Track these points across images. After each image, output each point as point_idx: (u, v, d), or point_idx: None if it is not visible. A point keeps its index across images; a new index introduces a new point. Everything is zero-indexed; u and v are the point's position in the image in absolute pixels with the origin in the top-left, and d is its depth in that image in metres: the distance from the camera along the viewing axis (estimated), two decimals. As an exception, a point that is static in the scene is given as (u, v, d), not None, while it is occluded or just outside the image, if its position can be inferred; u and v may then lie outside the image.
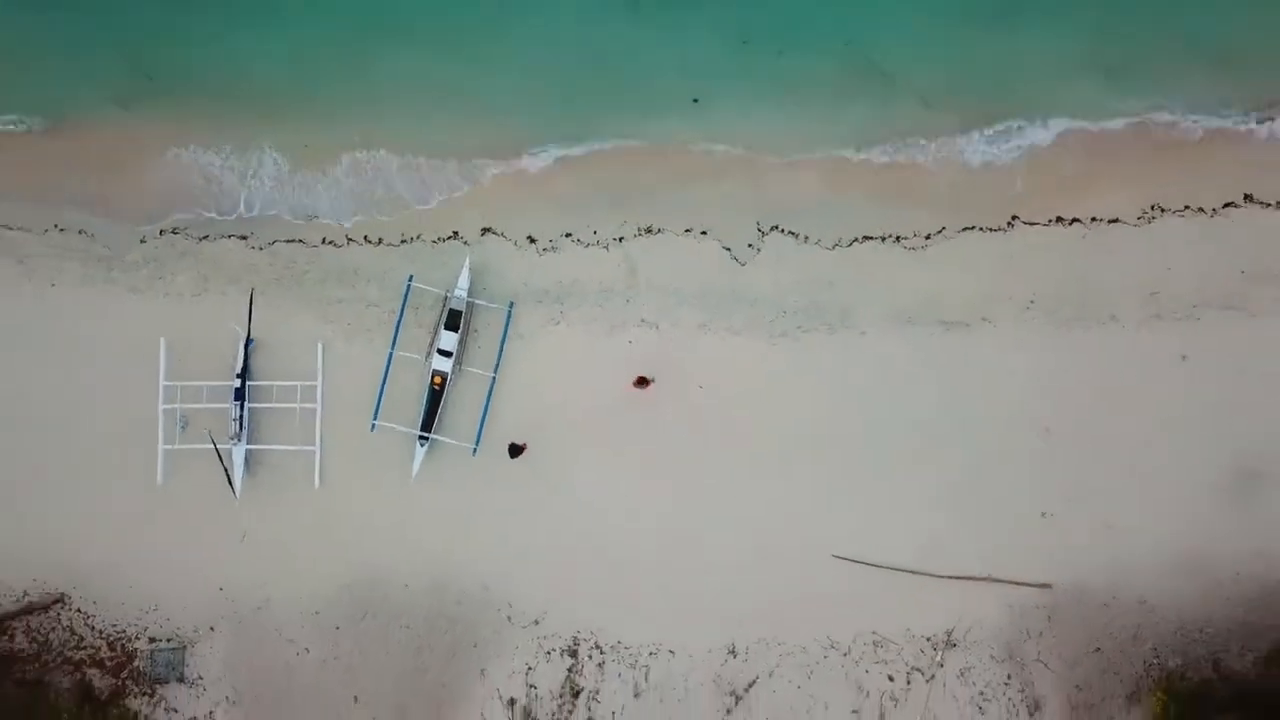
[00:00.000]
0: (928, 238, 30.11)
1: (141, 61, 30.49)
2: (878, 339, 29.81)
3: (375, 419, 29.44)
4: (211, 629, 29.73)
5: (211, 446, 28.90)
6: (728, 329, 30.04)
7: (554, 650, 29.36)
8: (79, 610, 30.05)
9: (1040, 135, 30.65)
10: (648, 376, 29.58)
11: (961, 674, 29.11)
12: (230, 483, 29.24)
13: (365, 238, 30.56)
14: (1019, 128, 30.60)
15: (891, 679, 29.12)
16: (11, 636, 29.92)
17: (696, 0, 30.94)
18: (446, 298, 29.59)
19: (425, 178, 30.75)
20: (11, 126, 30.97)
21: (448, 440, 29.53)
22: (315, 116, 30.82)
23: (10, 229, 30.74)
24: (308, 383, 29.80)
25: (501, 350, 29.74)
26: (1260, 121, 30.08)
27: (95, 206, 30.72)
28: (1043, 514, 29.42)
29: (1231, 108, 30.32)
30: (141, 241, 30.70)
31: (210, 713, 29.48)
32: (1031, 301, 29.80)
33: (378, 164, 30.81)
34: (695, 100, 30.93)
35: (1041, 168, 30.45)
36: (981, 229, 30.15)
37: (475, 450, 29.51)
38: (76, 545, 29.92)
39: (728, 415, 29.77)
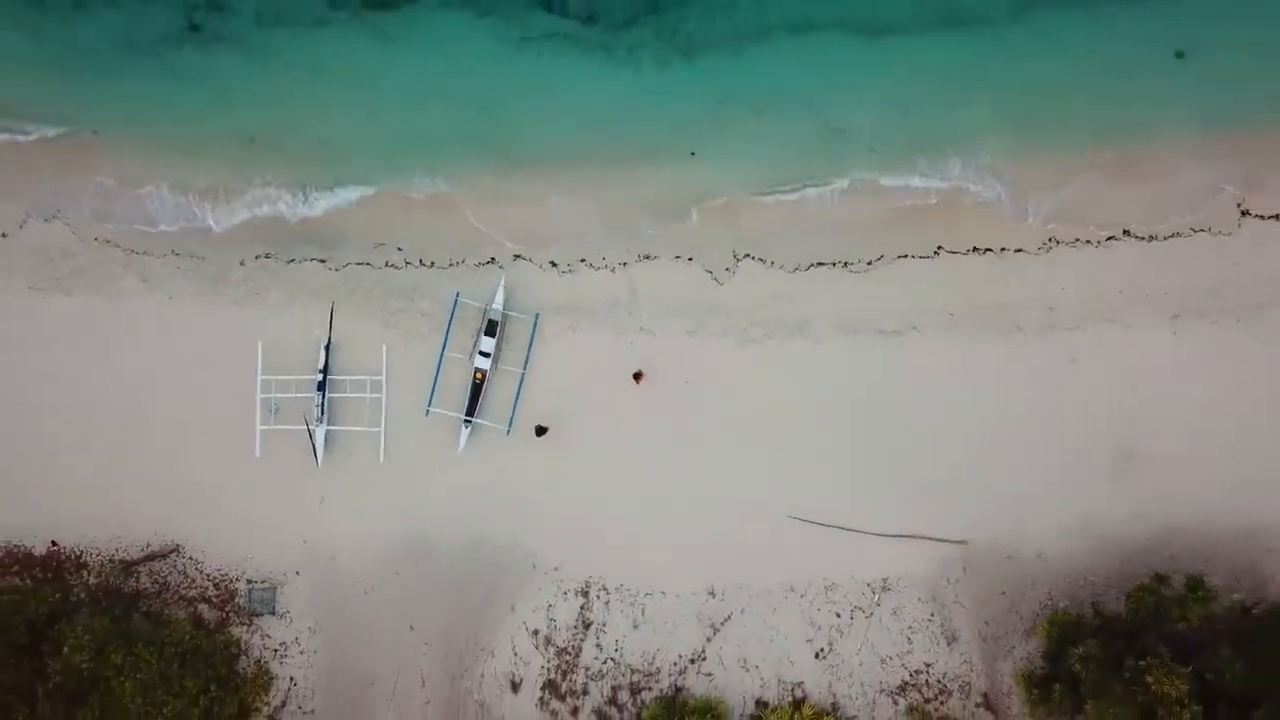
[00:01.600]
0: (869, 263, 37.47)
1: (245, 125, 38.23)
2: (828, 344, 37.13)
3: (429, 406, 36.97)
4: (296, 573, 37.20)
5: (304, 427, 36.48)
6: (709, 335, 37.44)
7: (569, 591, 36.73)
8: (190, 558, 37.59)
9: (961, 179, 37.83)
10: (642, 371, 36.99)
11: (894, 612, 36.32)
12: (315, 455, 36.80)
13: (420, 261, 38.08)
14: (942, 174, 37.81)
15: (838, 615, 36.35)
16: (137, 579, 37.51)
17: (687, 69, 38.43)
18: (486, 310, 37.10)
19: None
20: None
21: (486, 423, 37.02)
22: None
23: (136, 252, 38.39)
24: (375, 377, 37.33)
25: (529, 352, 37.20)
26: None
27: (206, 236, 38.38)
28: (959, 486, 36.56)
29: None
30: (241, 264, 38.33)
31: (296, 639, 36.96)
32: (951, 314, 37.09)
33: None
34: (692, 153, 38.31)
35: (961, 206, 37.75)
36: (913, 256, 37.49)
37: (509, 431, 37.00)
38: (189, 506, 37.45)
39: (708, 404, 37.14)
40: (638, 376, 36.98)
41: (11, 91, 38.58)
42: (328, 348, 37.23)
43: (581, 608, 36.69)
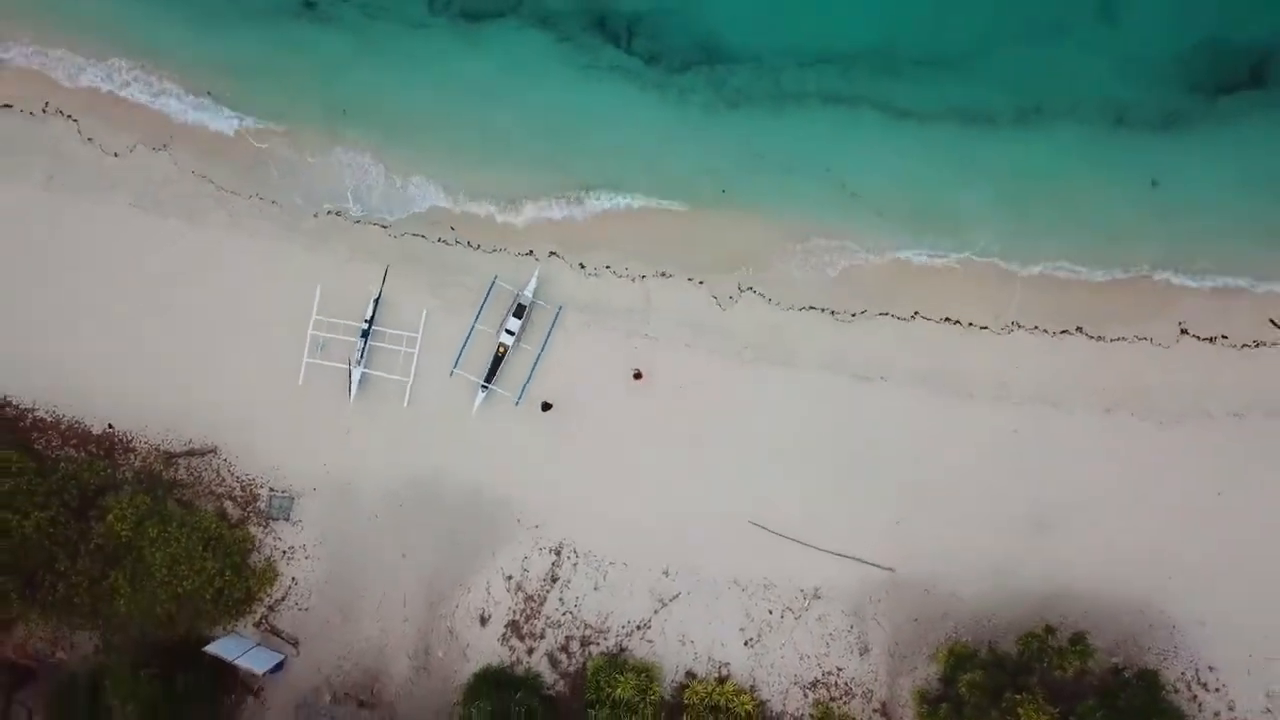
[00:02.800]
0: (854, 315, 42.76)
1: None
2: (807, 377, 42.30)
3: (455, 367, 42.47)
4: (314, 490, 42.78)
5: (344, 366, 42.08)
6: (706, 350, 42.74)
7: (545, 548, 42.17)
8: (225, 460, 43.24)
9: (950, 256, 42.99)
10: (641, 371, 42.37)
11: (820, 618, 41.54)
12: (349, 391, 42.35)
13: (468, 243, 43.56)
14: (934, 247, 43.01)
15: (771, 612, 41.62)
16: (176, 470, 43.19)
17: (730, 118, 43.71)
18: (517, 295, 42.54)
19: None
20: (235, 122, 44.39)
21: (501, 391, 42.48)
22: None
23: (227, 191, 44.03)
24: (412, 334, 42.82)
25: (549, 337, 42.63)
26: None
27: (290, 181, 43.97)
28: (898, 521, 41.76)
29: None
30: (314, 216, 43.92)
31: (304, 545, 42.55)
32: (916, 372, 42.32)
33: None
34: (723, 191, 43.63)
35: (943, 278, 42.91)
36: (893, 315, 42.75)
37: (518, 402, 42.47)
38: (232, 416, 43.13)
39: (696, 409, 42.36)
40: (638, 375, 42.36)
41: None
42: (376, 301, 42.74)
43: (553, 564, 42.14)
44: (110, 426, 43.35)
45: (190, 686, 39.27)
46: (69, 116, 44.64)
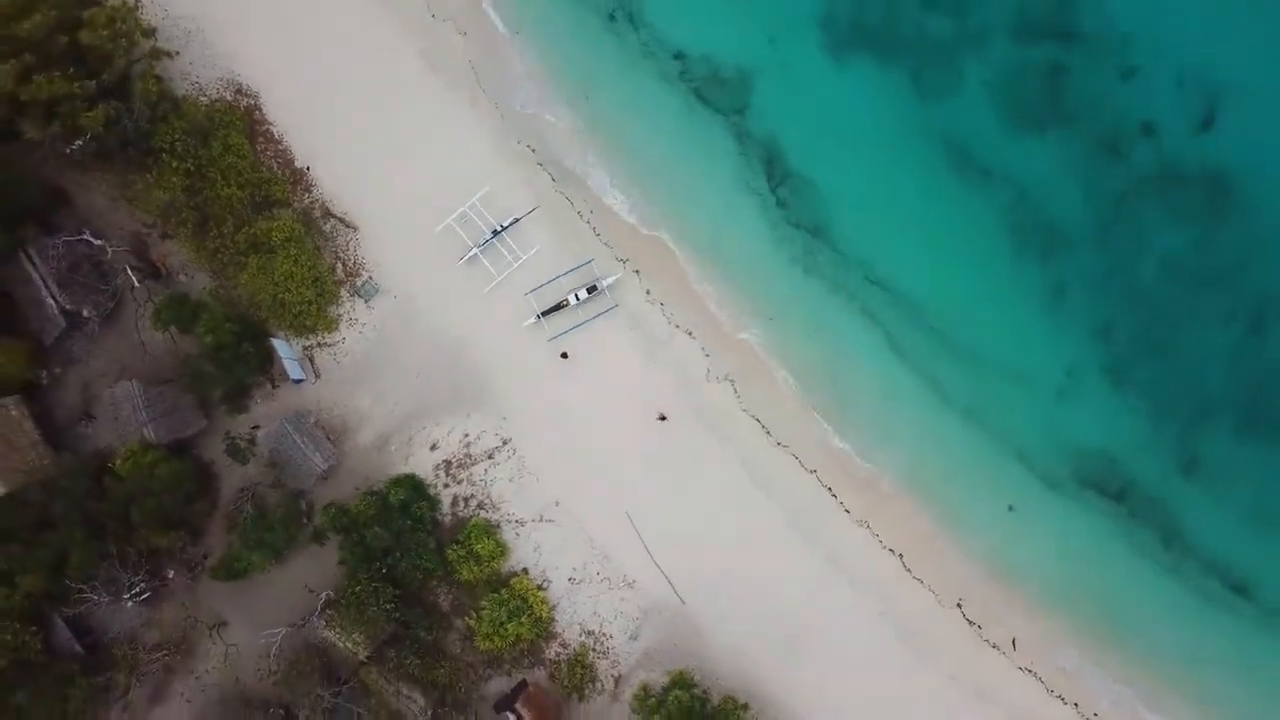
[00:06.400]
0: (847, 509, 58.40)
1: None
2: (737, 459, 57.84)
3: (530, 293, 58.35)
4: (394, 297, 58.58)
5: (468, 242, 58.16)
6: (693, 404, 58.14)
7: (499, 435, 57.86)
8: (358, 238, 59.27)
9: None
10: (665, 415, 57.88)
11: (622, 599, 57.29)
12: (461, 258, 58.33)
13: (593, 229, 59.60)
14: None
15: (597, 574, 57.28)
16: (325, 223, 59.28)
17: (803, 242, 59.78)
18: (598, 279, 58.53)
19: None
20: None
21: (545, 326, 58.45)
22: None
23: (485, 90, 60.12)
24: (520, 254, 58.75)
25: (595, 319, 58.26)
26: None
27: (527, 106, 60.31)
28: (712, 577, 57.47)
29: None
30: (518, 142, 59.93)
31: (365, 323, 58.26)
32: (851, 581, 57.49)
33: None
34: (770, 318, 59.35)
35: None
36: (872, 531, 57.90)
37: (550, 340, 58.47)
38: (381, 215, 59.19)
39: (660, 428, 57.78)
40: (663, 418, 57.76)
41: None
42: (515, 220, 58.90)
43: (495, 448, 58.06)
44: (308, 168, 59.60)
45: (248, 353, 55.61)
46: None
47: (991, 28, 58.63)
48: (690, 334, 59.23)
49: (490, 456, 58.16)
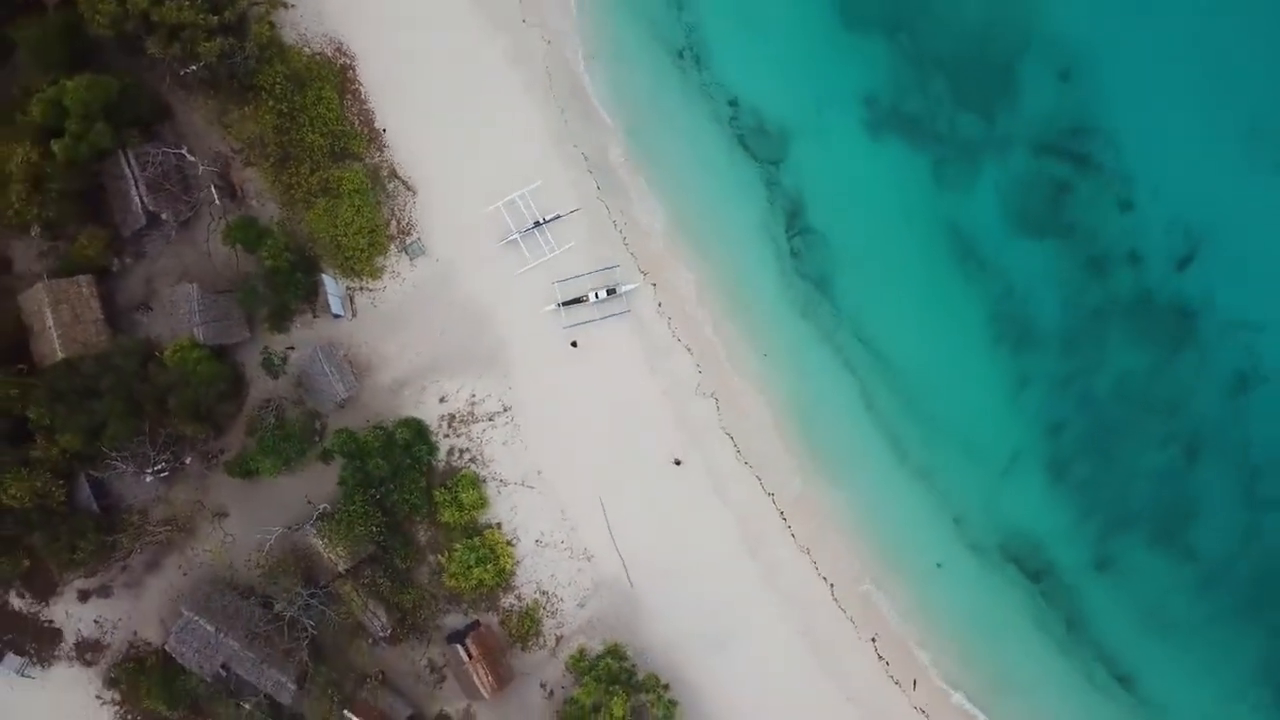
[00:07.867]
0: (832, 585, 65.01)
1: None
2: (731, 516, 64.49)
3: (558, 282, 64.86)
4: (437, 260, 65.13)
5: (512, 225, 64.63)
6: (690, 442, 64.64)
7: (501, 401, 64.51)
8: (416, 200, 65.79)
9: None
10: (680, 459, 64.50)
11: (579, 569, 63.87)
12: (503, 239, 64.85)
13: (624, 239, 65.94)
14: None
15: (562, 542, 63.98)
16: (390, 182, 65.91)
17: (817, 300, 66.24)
18: (619, 283, 64.96)
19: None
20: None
21: (563, 314, 64.85)
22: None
23: (559, 106, 66.57)
24: (555, 248, 65.14)
25: (608, 319, 64.77)
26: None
27: (589, 117, 66.79)
28: (665, 571, 64.00)
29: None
30: (574, 146, 66.30)
31: (406, 278, 64.90)
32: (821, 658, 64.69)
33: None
34: (764, 354, 66.01)
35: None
36: (855, 624, 65.02)
37: (565, 327, 64.94)
38: (441, 185, 65.77)
39: (644, 429, 64.54)
40: (678, 462, 64.23)
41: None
42: (558, 216, 65.33)
43: (497, 412, 64.68)
44: (384, 130, 66.09)
45: (299, 282, 62.32)
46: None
47: (1015, 137, 64.90)
48: (689, 349, 65.63)
49: (490, 419, 64.69)
